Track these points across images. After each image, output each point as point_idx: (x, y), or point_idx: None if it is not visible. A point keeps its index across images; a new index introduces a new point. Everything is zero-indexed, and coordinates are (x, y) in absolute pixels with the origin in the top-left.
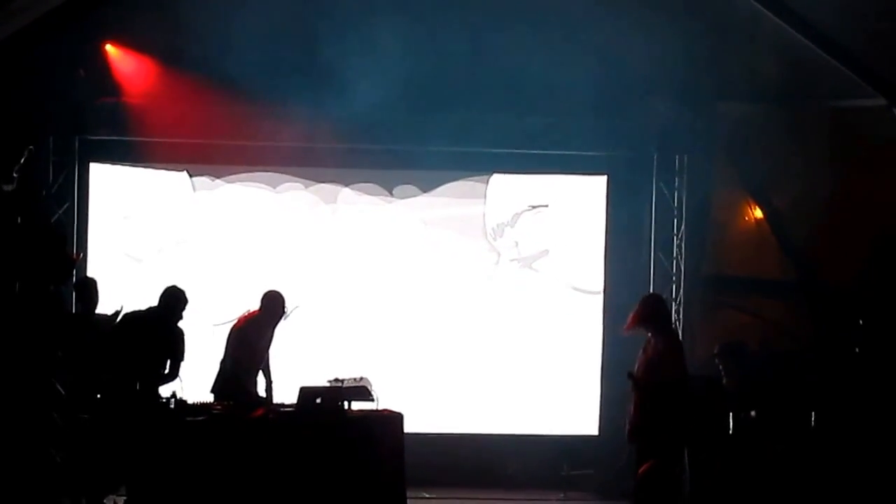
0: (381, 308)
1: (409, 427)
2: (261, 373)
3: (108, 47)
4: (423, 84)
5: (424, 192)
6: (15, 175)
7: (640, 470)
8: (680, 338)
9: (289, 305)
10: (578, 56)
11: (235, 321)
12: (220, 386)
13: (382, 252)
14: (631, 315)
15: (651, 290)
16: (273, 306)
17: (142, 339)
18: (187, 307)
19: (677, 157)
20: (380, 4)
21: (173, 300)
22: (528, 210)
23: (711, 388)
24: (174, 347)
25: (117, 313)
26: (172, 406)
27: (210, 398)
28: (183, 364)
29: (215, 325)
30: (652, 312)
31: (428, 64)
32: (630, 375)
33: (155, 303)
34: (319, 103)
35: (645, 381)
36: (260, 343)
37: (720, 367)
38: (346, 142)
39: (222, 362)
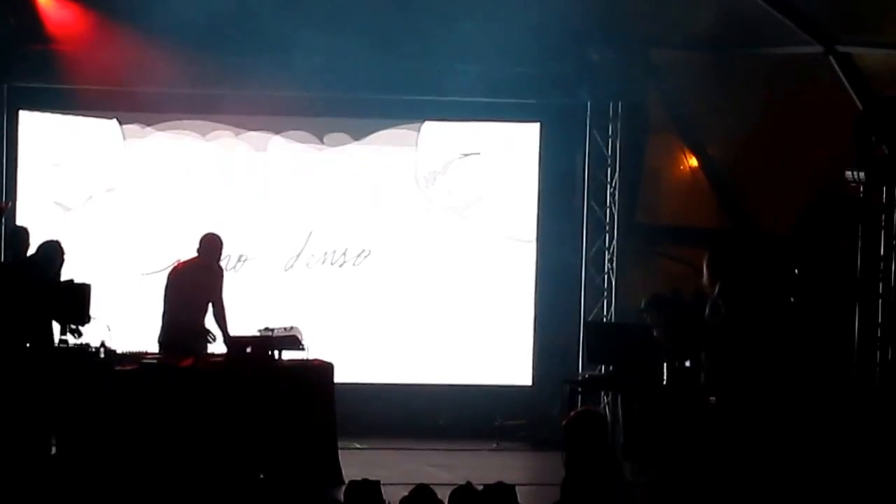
0: (311, 257)
1: (341, 377)
2: (216, 322)
3: None
4: (353, 31)
5: (355, 139)
6: None
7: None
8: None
9: (227, 248)
10: (512, 2)
11: (173, 268)
12: (166, 335)
13: (313, 200)
14: None
15: (584, 239)
16: (211, 249)
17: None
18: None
19: (611, 104)
20: None
21: (52, 253)
22: (461, 158)
23: (645, 338)
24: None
25: None
26: (102, 356)
27: (156, 348)
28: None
29: (145, 273)
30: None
31: (359, 11)
32: None
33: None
34: (249, 51)
35: None
36: (204, 288)
37: (647, 319)
38: (277, 89)
39: (165, 311)
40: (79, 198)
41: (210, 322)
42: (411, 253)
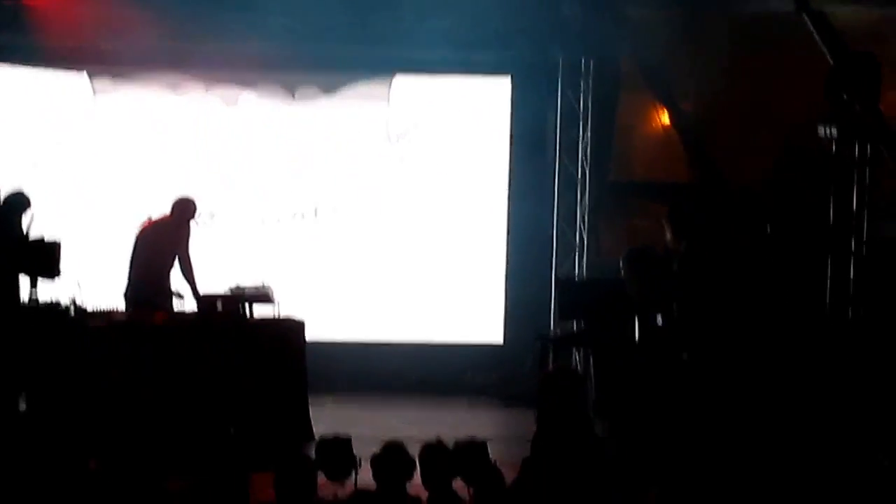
0: (282, 213)
1: (312, 334)
2: (183, 278)
3: None
4: None
5: (326, 94)
6: None
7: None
8: None
9: (201, 211)
10: None
11: (143, 227)
12: (132, 291)
13: (284, 155)
14: None
15: (556, 195)
16: (184, 212)
17: None
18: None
19: (583, 60)
20: None
21: (17, 205)
22: (432, 113)
23: (617, 294)
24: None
25: None
26: (72, 313)
27: (122, 304)
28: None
29: (117, 229)
30: None
31: None
32: None
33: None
34: (220, 4)
35: None
36: (173, 248)
37: (623, 273)
38: (247, 43)
39: (132, 268)
40: (48, 153)
41: (178, 279)
42: (382, 209)
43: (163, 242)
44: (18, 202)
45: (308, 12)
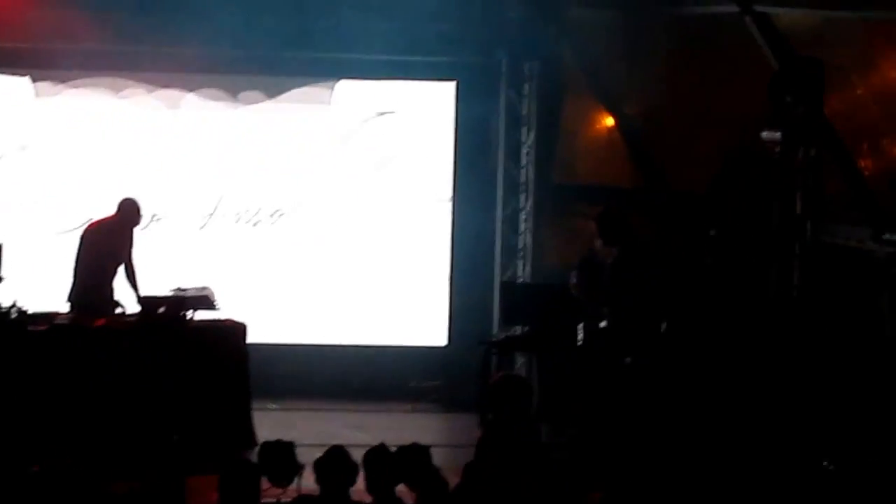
0: (224, 216)
1: (255, 337)
2: (126, 281)
3: None
4: None
5: (270, 97)
6: None
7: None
8: None
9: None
10: None
11: (87, 227)
12: (77, 294)
13: (227, 159)
14: None
15: (500, 199)
16: (131, 213)
17: None
18: None
19: (527, 63)
20: None
21: None
22: (376, 116)
23: (561, 298)
24: None
25: None
26: (14, 316)
27: (66, 307)
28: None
29: (59, 232)
30: None
31: None
32: None
33: None
34: (162, 7)
35: None
36: (118, 250)
37: (575, 278)
38: (190, 46)
39: (77, 270)
40: None
41: (121, 282)
42: (326, 212)
43: (107, 243)
44: None
45: (250, 16)
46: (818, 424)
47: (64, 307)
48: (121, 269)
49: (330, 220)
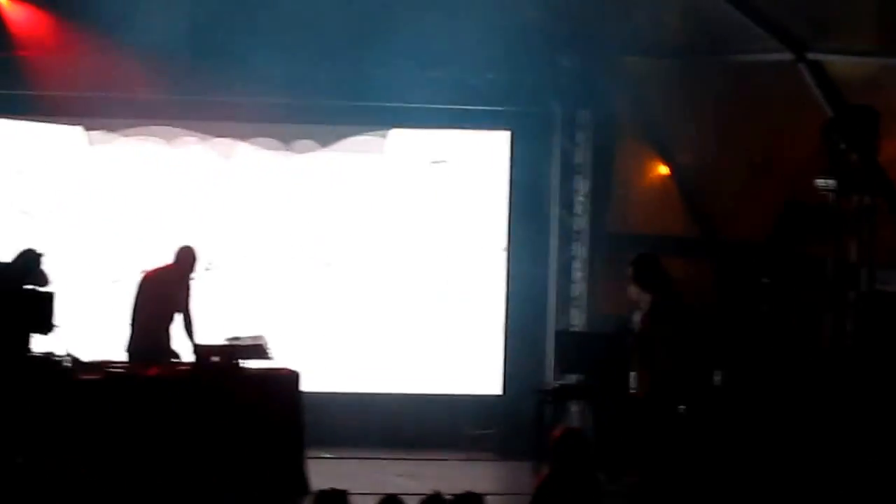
0: (280, 265)
1: (309, 386)
2: (183, 330)
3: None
4: (322, 36)
5: (323, 146)
6: None
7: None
8: None
9: (201, 261)
10: (481, 9)
11: (145, 276)
12: (135, 343)
13: (280, 207)
14: None
15: (553, 247)
16: (187, 260)
17: None
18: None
19: (580, 112)
20: None
21: (30, 261)
22: (429, 165)
23: (616, 347)
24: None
25: None
26: (68, 364)
27: (123, 356)
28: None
29: (113, 281)
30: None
31: (326, 16)
32: None
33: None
34: (215, 57)
35: None
36: (175, 298)
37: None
38: (244, 96)
39: (134, 319)
40: (43, 205)
41: (178, 330)
42: (380, 261)
43: (165, 292)
44: (31, 259)
45: (304, 66)
46: (875, 474)
47: (121, 356)
48: (178, 318)
49: (384, 269)
